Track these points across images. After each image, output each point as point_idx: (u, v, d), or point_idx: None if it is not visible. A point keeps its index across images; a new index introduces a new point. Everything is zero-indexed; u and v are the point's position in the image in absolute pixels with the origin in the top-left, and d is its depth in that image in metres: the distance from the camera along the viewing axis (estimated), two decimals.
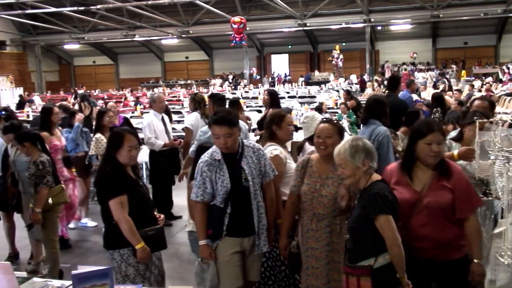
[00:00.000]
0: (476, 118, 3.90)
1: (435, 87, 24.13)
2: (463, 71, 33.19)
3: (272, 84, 34.38)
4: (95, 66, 47.48)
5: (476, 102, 5.29)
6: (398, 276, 3.10)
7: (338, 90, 24.40)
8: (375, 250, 3.13)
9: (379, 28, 36.88)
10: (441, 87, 21.23)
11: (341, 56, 34.08)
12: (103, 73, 47.16)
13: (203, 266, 3.96)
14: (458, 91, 15.40)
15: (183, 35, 36.71)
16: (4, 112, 7.18)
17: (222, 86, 35.72)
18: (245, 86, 33.89)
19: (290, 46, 41.26)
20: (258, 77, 39.73)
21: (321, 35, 39.35)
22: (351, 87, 26.77)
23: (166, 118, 7.88)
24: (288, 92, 24.81)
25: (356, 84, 30.26)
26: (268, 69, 42.61)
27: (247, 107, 16.04)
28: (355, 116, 11.95)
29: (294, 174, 3.96)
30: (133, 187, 3.83)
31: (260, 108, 14.57)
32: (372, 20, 33.24)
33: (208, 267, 3.92)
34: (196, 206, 3.83)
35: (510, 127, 3.72)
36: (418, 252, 3.32)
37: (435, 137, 3.30)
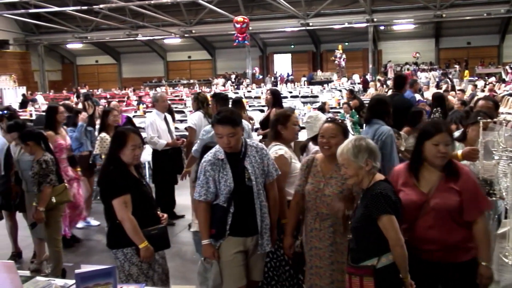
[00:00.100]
0: (479, 118, 3.90)
1: (438, 87, 24.08)
2: (466, 71, 33.14)
3: (275, 84, 34.36)
4: (98, 65, 47.53)
5: (481, 102, 5.27)
6: (401, 276, 3.09)
7: (340, 90, 24.38)
8: (378, 250, 3.12)
9: (382, 28, 36.86)
10: (444, 87, 21.19)
11: (343, 56, 34.06)
12: (106, 72, 47.22)
13: (206, 265, 3.96)
14: (461, 91, 15.38)
15: (185, 35, 36.73)
16: (6, 111, 7.18)
17: (224, 85, 35.72)
18: (247, 85, 33.90)
19: (292, 46, 41.26)
20: (261, 76, 39.73)
21: (323, 35, 39.33)
22: (354, 87, 26.73)
23: (169, 117, 7.89)
24: (290, 92, 24.79)
25: (358, 84, 30.23)
26: (270, 68, 42.61)
27: (250, 106, 16.03)
28: (357, 115, 11.93)
29: (299, 173, 3.96)
30: (136, 187, 3.83)
31: (263, 107, 14.56)
32: (375, 20, 33.22)
33: (211, 267, 3.91)
34: (199, 206, 3.83)
35: None
36: (425, 254, 3.29)
37: (443, 138, 3.25)
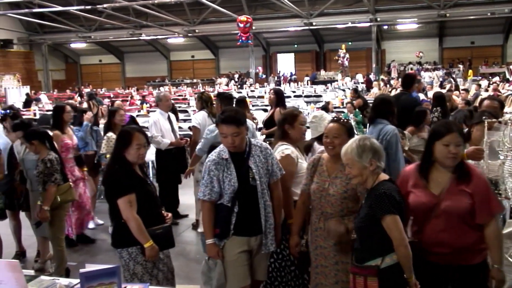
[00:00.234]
0: (484, 118, 3.89)
1: (441, 86, 24.06)
2: (470, 71, 33.06)
3: (278, 83, 34.38)
4: (101, 64, 47.61)
5: (486, 102, 5.25)
6: (405, 276, 3.09)
7: (344, 90, 24.36)
8: (382, 250, 3.12)
9: (385, 27, 36.78)
10: (447, 86, 21.17)
11: (347, 55, 34.06)
12: (109, 71, 47.27)
13: (210, 265, 3.96)
14: (465, 90, 15.35)
15: (189, 34, 36.74)
16: (9, 111, 7.17)
17: (228, 85, 35.77)
18: (251, 85, 33.90)
19: (296, 45, 41.22)
20: (264, 76, 39.73)
21: (327, 34, 39.30)
22: (357, 86, 26.72)
23: (172, 116, 7.89)
24: (294, 91, 24.80)
25: (362, 83, 30.20)
26: (274, 68, 42.61)
27: (253, 106, 16.02)
28: (361, 115, 11.92)
29: (306, 172, 3.96)
30: (141, 186, 3.84)
31: (266, 107, 14.55)
32: (378, 19, 33.16)
33: (215, 266, 3.92)
34: (204, 205, 3.83)
35: None
36: (435, 257, 3.25)
37: (453, 138, 3.18)
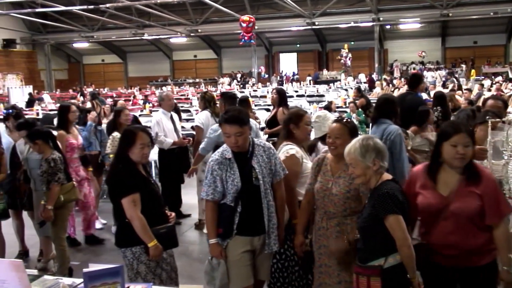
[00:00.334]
0: (488, 118, 3.88)
1: (444, 86, 24.02)
2: (473, 71, 32.98)
3: (281, 83, 34.36)
4: (104, 64, 47.61)
5: (490, 102, 5.22)
6: (408, 276, 3.09)
7: (346, 89, 24.35)
8: (385, 250, 3.12)
9: (388, 27, 36.71)
10: (450, 86, 21.15)
11: (349, 55, 34.05)
12: (112, 71, 47.29)
13: (213, 264, 3.96)
14: (468, 90, 15.31)
15: (191, 34, 36.73)
16: (12, 110, 7.17)
17: (230, 84, 35.77)
18: (253, 84, 33.90)
19: (298, 45, 41.20)
20: (267, 76, 39.70)
21: (329, 34, 39.25)
22: (360, 86, 26.69)
23: (175, 116, 7.90)
24: (296, 91, 24.79)
25: (365, 83, 30.17)
26: (276, 68, 42.58)
27: (256, 105, 16.03)
28: (364, 114, 11.90)
29: (310, 172, 3.97)
30: (145, 185, 3.84)
31: (269, 106, 14.55)
32: (381, 19, 33.10)
33: (218, 266, 3.92)
34: (207, 205, 3.83)
35: None
36: (444, 259, 3.23)
37: (461, 138, 3.13)
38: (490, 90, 18.49)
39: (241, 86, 34.00)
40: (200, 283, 4.93)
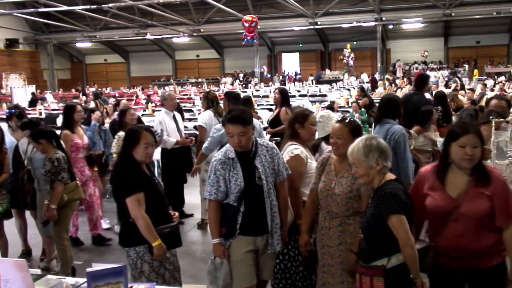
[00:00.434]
0: (492, 118, 3.87)
1: (447, 86, 23.99)
2: (475, 70, 32.91)
3: (283, 83, 34.35)
4: (106, 64, 47.63)
5: (494, 102, 5.22)
6: (411, 276, 3.08)
7: (349, 89, 24.32)
8: (388, 250, 3.11)
9: (391, 26, 36.64)
10: (453, 86, 21.11)
11: (352, 54, 33.97)
12: (115, 71, 47.30)
13: (216, 264, 3.96)
14: (471, 90, 15.29)
15: (194, 34, 36.72)
16: (15, 110, 7.17)
17: (233, 84, 35.77)
18: (255, 84, 33.90)
19: (301, 45, 41.16)
20: (269, 75, 39.69)
21: (332, 34, 39.22)
22: (363, 85, 26.67)
23: (178, 116, 7.89)
24: (299, 91, 24.77)
25: (367, 83, 30.14)
26: (279, 67, 42.54)
27: (258, 105, 16.02)
28: (366, 114, 11.88)
29: (315, 171, 3.97)
30: (149, 185, 3.85)
31: (271, 106, 14.55)
32: (383, 18, 33.07)
33: (222, 266, 3.92)
34: (210, 205, 3.83)
35: None
36: (453, 261, 3.20)
37: (470, 139, 3.08)
38: (493, 90, 18.47)
39: (243, 86, 34.00)
40: (203, 283, 4.94)
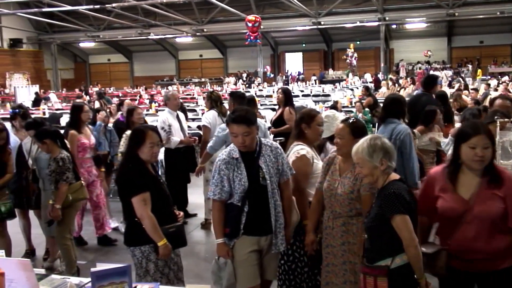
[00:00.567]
0: (496, 118, 3.86)
1: (450, 86, 23.94)
2: (479, 70, 32.83)
3: (286, 83, 34.34)
4: (110, 64, 47.67)
5: (498, 102, 5.21)
6: (416, 277, 3.07)
7: (352, 89, 24.29)
8: (392, 250, 3.11)
9: (394, 26, 36.59)
10: (456, 86, 21.06)
11: (355, 54, 33.94)
12: (118, 71, 47.32)
13: (220, 264, 3.96)
14: (475, 90, 15.26)
15: (197, 34, 36.73)
16: (19, 110, 7.17)
17: (236, 84, 35.76)
18: (259, 84, 33.88)
19: (304, 45, 41.12)
20: (272, 75, 39.67)
21: (335, 34, 39.17)
22: (367, 85, 26.63)
23: (181, 115, 7.90)
24: (302, 91, 24.75)
25: (370, 82, 30.10)
26: (282, 67, 42.52)
27: (261, 105, 16.01)
28: (370, 114, 11.88)
29: (321, 171, 3.98)
30: (154, 185, 3.85)
31: (274, 106, 14.54)
32: (386, 18, 33.01)
33: (225, 266, 3.92)
34: (214, 205, 3.83)
35: None
36: (465, 264, 3.16)
37: (480, 140, 3.03)
38: (496, 90, 18.40)
39: (246, 85, 34.00)
40: (207, 283, 4.92)
